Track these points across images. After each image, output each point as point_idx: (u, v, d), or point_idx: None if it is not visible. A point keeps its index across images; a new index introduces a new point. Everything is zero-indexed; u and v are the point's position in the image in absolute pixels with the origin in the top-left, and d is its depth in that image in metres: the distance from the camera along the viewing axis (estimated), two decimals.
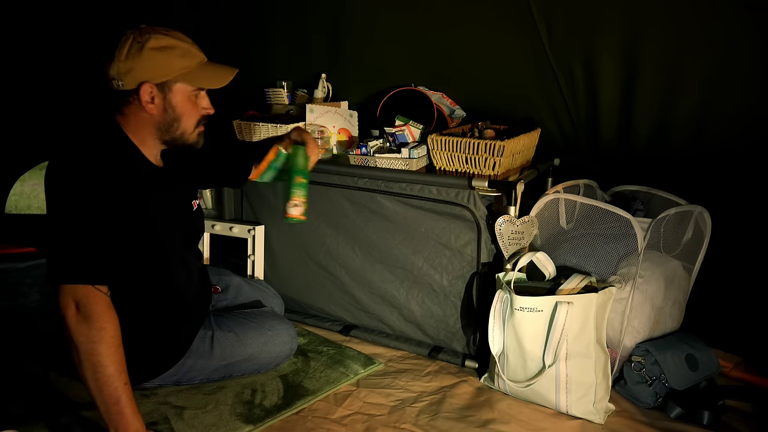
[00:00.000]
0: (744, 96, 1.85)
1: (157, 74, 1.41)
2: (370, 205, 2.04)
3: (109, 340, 1.31)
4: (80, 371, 1.32)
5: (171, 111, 1.46)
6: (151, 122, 1.46)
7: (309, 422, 1.61)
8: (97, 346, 1.30)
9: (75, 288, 1.32)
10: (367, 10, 2.32)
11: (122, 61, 1.39)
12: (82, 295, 1.31)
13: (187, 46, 1.45)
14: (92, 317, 1.31)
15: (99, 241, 1.35)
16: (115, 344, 1.32)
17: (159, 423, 1.54)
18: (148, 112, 1.44)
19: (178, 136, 1.50)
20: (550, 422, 1.64)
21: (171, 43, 1.42)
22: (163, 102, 1.44)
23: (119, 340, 1.34)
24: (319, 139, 2.15)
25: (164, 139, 1.50)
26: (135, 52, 1.38)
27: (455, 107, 2.38)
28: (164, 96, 1.44)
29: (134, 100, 1.43)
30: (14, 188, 3.14)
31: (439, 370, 1.92)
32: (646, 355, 1.74)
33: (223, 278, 1.98)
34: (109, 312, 1.34)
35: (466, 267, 1.92)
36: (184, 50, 1.44)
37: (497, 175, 1.88)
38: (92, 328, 1.30)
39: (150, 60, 1.39)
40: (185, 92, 1.46)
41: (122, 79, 1.40)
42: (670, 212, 1.80)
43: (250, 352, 1.73)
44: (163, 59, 1.40)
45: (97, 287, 1.33)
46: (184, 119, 1.48)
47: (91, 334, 1.30)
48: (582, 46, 1.98)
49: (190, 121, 1.49)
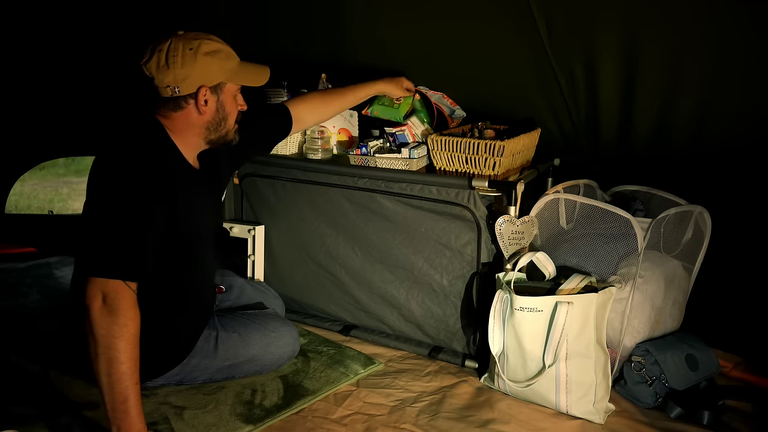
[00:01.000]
0: (744, 96, 1.84)
1: (212, 78, 1.49)
2: (370, 205, 2.04)
3: (129, 337, 1.33)
4: (95, 365, 1.33)
5: (221, 111, 1.54)
6: (202, 123, 1.53)
7: (309, 422, 1.61)
8: (116, 342, 1.31)
9: (105, 281, 1.33)
10: (367, 10, 2.32)
11: (179, 68, 1.44)
12: (111, 289, 1.33)
13: (228, 48, 1.54)
14: (117, 312, 1.32)
15: (138, 237, 1.38)
16: (133, 342, 1.34)
17: (159, 423, 1.54)
18: (202, 114, 1.51)
19: (224, 134, 1.58)
20: (550, 422, 1.64)
21: (217, 47, 1.50)
22: (216, 103, 1.52)
23: (138, 339, 1.35)
24: (319, 139, 2.16)
25: (210, 139, 1.57)
26: (190, 59, 1.45)
27: (455, 107, 2.38)
28: (217, 97, 1.52)
29: (188, 104, 1.49)
30: (14, 188, 3.14)
31: (439, 370, 1.92)
32: (646, 355, 1.74)
33: (226, 278, 1.99)
34: (134, 309, 1.36)
35: (466, 267, 1.92)
36: (227, 53, 1.52)
37: (497, 175, 1.88)
38: (115, 323, 1.31)
39: (205, 65, 1.46)
40: (231, 92, 1.55)
41: (179, 85, 1.46)
42: (670, 212, 1.80)
43: (254, 353, 1.74)
44: (216, 63, 1.48)
45: (127, 283, 1.35)
46: (230, 117, 1.57)
47: (113, 329, 1.31)
48: (582, 45, 1.98)
49: (232, 118, 1.58)
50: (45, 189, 5.05)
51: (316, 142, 2.15)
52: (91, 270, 1.35)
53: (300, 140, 2.26)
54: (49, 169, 5.58)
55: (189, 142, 1.55)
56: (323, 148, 2.16)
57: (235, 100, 1.57)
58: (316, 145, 2.15)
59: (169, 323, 1.58)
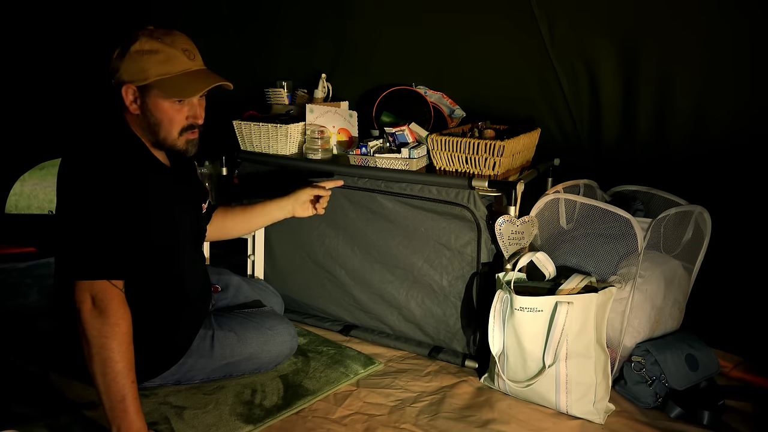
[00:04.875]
0: (744, 96, 1.85)
1: (135, 77, 1.43)
2: (370, 205, 2.04)
3: (122, 336, 1.33)
4: (90, 366, 1.33)
5: (150, 115, 1.47)
6: (139, 122, 1.49)
7: (309, 422, 1.61)
8: (109, 341, 1.31)
9: (92, 283, 1.34)
10: (368, 10, 2.32)
11: (113, 60, 1.44)
12: (99, 290, 1.34)
13: (174, 52, 1.44)
14: (107, 312, 1.33)
15: (114, 236, 1.38)
16: (126, 341, 1.34)
17: (159, 423, 1.54)
18: (132, 112, 1.47)
19: (162, 140, 1.50)
20: (550, 422, 1.64)
21: (156, 47, 1.42)
22: (143, 105, 1.46)
23: (131, 337, 1.36)
24: (319, 139, 2.16)
25: (152, 141, 1.52)
26: (121, 54, 1.43)
27: (455, 107, 2.38)
28: (143, 99, 1.45)
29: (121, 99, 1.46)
30: (14, 188, 3.14)
31: (439, 370, 1.92)
32: (646, 355, 1.74)
33: (223, 277, 1.98)
34: (124, 308, 1.36)
35: (466, 267, 1.92)
36: (167, 56, 1.43)
37: (497, 175, 1.88)
38: (106, 324, 1.32)
39: (130, 62, 1.42)
40: (163, 100, 1.46)
41: (112, 77, 1.45)
42: (670, 212, 1.80)
43: (251, 351, 1.73)
44: (141, 63, 1.41)
45: (113, 283, 1.36)
46: (165, 124, 1.48)
47: (105, 329, 1.32)
48: (584, 45, 1.98)
49: (172, 127, 1.49)
50: (45, 189, 5.05)
51: (316, 142, 2.15)
52: (76, 273, 1.35)
53: (300, 140, 2.27)
54: (49, 169, 5.58)
55: (146, 139, 1.51)
56: (323, 148, 2.16)
57: (177, 109, 1.47)
58: (316, 145, 2.15)
59: (159, 323, 1.57)
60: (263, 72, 2.67)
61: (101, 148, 1.42)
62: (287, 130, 2.20)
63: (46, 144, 3.02)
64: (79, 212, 1.38)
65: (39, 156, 3.16)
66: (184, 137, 1.51)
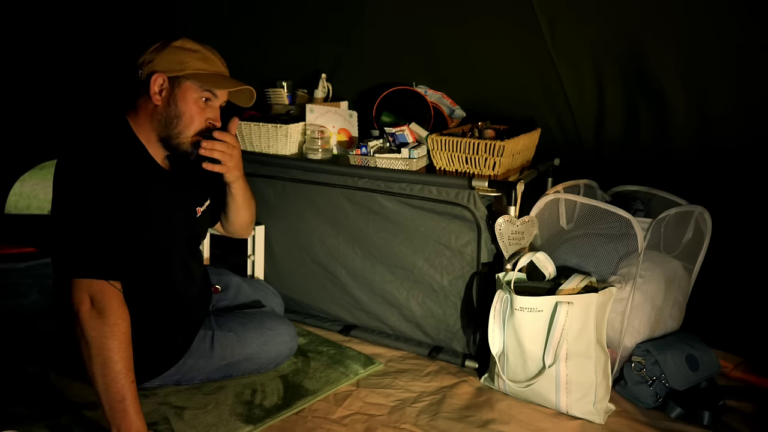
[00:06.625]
0: (745, 96, 1.84)
1: (170, 67, 1.47)
2: (370, 205, 2.04)
3: (121, 336, 1.33)
4: (89, 367, 1.33)
5: (174, 106, 1.48)
6: (155, 115, 1.49)
7: (309, 422, 1.61)
8: (108, 342, 1.31)
9: (90, 283, 1.34)
10: (368, 9, 2.32)
11: (148, 53, 1.48)
12: (97, 291, 1.34)
13: (211, 55, 1.52)
14: (106, 312, 1.33)
15: (112, 237, 1.38)
16: (125, 341, 1.34)
17: (159, 423, 1.54)
18: (154, 102, 1.48)
19: (174, 135, 1.50)
20: (550, 422, 1.64)
21: (197, 47, 1.50)
22: (169, 96, 1.48)
23: (129, 337, 1.36)
24: (319, 139, 2.15)
25: (162, 135, 1.51)
26: (160, 47, 1.48)
27: (455, 107, 2.38)
28: (172, 90, 1.48)
29: (146, 87, 1.47)
30: (14, 188, 3.14)
31: (439, 370, 1.92)
32: (647, 355, 1.74)
33: (223, 278, 1.98)
34: (122, 308, 1.36)
35: (466, 267, 1.92)
36: (206, 56, 1.51)
37: (497, 175, 1.88)
38: (105, 324, 1.32)
39: (170, 54, 1.47)
40: (193, 93, 1.49)
41: (142, 68, 1.48)
42: (670, 212, 1.80)
43: (251, 351, 1.73)
44: (181, 56, 1.48)
45: (112, 283, 1.36)
46: (185, 119, 1.49)
47: (104, 329, 1.32)
48: (585, 45, 1.98)
49: (191, 124, 1.50)
50: (45, 189, 5.05)
51: (316, 142, 2.15)
52: (74, 272, 1.35)
53: (300, 140, 2.27)
54: (49, 169, 5.59)
55: (150, 137, 1.51)
56: (323, 148, 2.16)
57: (201, 107, 1.50)
58: (316, 145, 2.15)
59: (155, 325, 1.56)
60: (263, 72, 2.67)
61: (99, 148, 1.42)
62: (287, 130, 2.20)
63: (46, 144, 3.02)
64: (77, 212, 1.38)
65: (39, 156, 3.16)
66: (195, 138, 1.52)
